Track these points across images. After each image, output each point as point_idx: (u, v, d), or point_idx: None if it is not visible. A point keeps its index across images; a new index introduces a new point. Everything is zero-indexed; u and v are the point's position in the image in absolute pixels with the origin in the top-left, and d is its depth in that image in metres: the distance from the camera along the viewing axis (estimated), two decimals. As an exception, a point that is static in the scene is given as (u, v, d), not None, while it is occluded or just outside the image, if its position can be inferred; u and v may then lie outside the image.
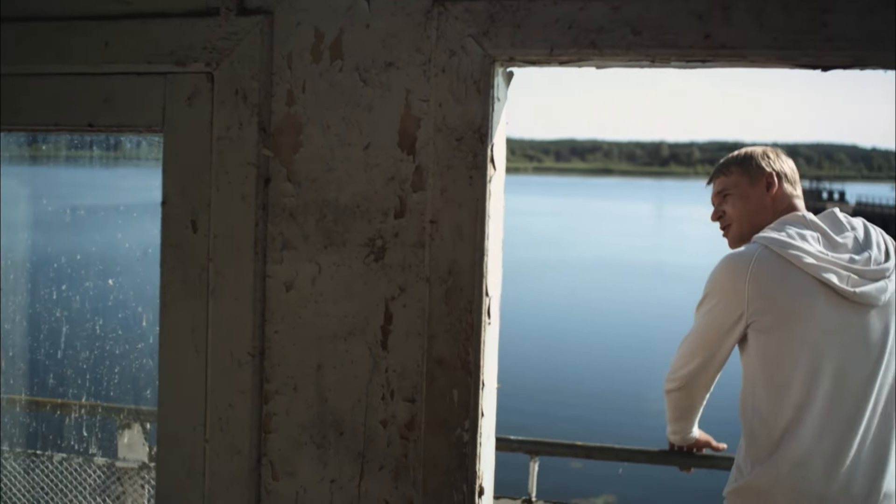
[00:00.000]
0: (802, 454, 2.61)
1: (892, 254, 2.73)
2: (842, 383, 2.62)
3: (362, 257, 1.84)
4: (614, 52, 1.72)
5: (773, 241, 2.68)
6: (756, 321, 2.66)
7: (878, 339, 2.64)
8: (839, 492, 2.61)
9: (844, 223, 2.79)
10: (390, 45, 1.81)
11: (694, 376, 2.92)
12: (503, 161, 1.86)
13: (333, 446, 1.88)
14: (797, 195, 2.96)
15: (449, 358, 1.80)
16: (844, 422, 2.62)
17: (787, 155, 3.06)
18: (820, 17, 1.66)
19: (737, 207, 2.98)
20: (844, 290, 2.60)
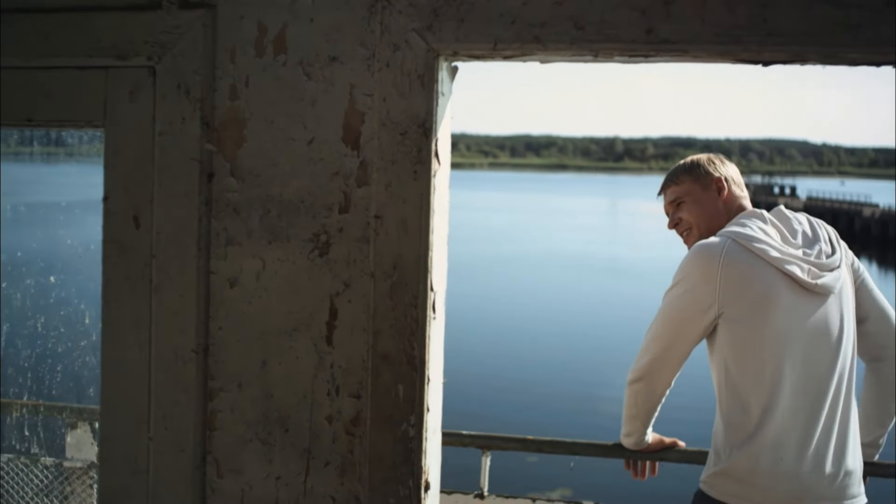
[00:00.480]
0: (777, 437, 2.72)
1: (835, 245, 2.85)
2: (808, 368, 2.75)
3: (307, 253, 1.83)
4: (557, 47, 1.72)
5: (740, 235, 2.78)
6: (727, 312, 2.76)
7: (836, 324, 2.79)
8: (811, 472, 2.72)
9: (793, 219, 2.90)
10: (334, 40, 1.81)
11: (657, 363, 2.96)
12: (448, 155, 1.86)
13: (279, 443, 1.87)
14: (744, 196, 3.08)
15: (394, 353, 1.80)
16: (812, 404, 2.75)
17: (728, 159, 3.17)
18: (760, 13, 1.68)
19: (693, 213, 3.08)
20: (806, 282, 2.72)
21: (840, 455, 2.77)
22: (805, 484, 2.73)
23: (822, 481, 2.74)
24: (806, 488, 2.74)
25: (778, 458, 2.72)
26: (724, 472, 2.82)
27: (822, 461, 2.74)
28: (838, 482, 2.76)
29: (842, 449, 2.78)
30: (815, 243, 2.84)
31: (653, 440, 3.35)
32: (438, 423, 1.91)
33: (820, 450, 2.74)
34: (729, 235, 2.81)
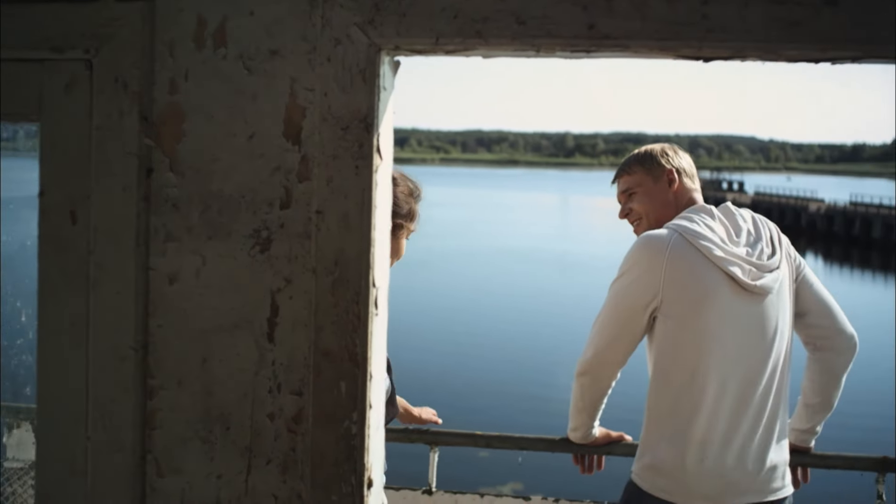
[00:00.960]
0: (704, 434, 2.75)
1: (776, 244, 2.89)
2: (739, 367, 2.78)
3: (247, 249, 1.81)
4: (499, 42, 1.72)
5: (687, 230, 2.81)
6: (666, 307, 2.78)
7: (771, 324, 2.82)
8: (735, 468, 2.77)
9: (738, 216, 2.93)
10: (275, 33, 1.79)
11: (602, 356, 2.98)
12: (390, 151, 1.85)
13: (220, 441, 1.85)
14: (696, 189, 3.10)
15: (336, 350, 1.78)
16: (740, 402, 2.79)
17: (683, 150, 3.17)
18: (700, 9, 1.68)
19: (643, 204, 3.11)
20: (746, 283, 2.75)
21: (764, 451, 2.82)
22: (729, 479, 2.78)
23: (746, 476, 2.79)
24: (730, 483, 2.78)
25: (704, 454, 2.77)
26: (652, 465, 2.85)
27: (745, 457, 2.79)
28: (761, 476, 2.82)
29: (766, 445, 2.83)
30: (758, 242, 2.88)
31: (600, 434, 3.37)
32: (381, 419, 1.90)
33: (745, 446, 2.79)
34: (676, 229, 2.83)
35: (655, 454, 2.84)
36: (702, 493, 2.77)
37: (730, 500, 2.77)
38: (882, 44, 1.70)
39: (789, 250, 2.94)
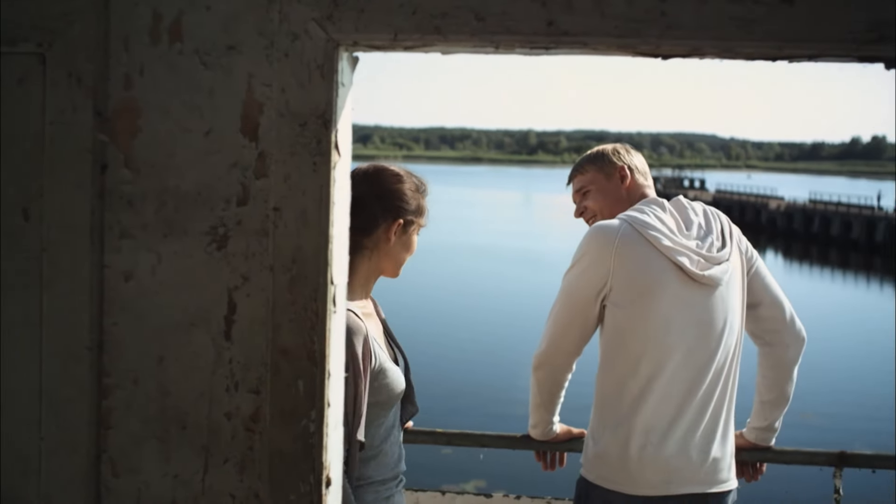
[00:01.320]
0: (647, 423, 2.78)
1: (727, 237, 2.92)
2: (686, 357, 2.81)
3: (204, 246, 1.79)
4: (458, 38, 1.71)
5: (637, 220, 2.84)
6: (614, 295, 2.81)
7: (720, 316, 2.85)
8: (676, 456, 2.79)
9: (690, 209, 2.96)
10: (232, 28, 1.77)
11: (556, 348, 2.99)
12: (349, 147, 1.83)
13: (176, 440, 1.83)
14: (648, 185, 3.12)
15: (294, 348, 1.77)
16: (685, 392, 2.81)
17: (636, 150, 3.21)
18: (659, 7, 1.69)
19: (597, 202, 3.14)
20: (694, 273, 2.78)
21: (708, 442, 2.85)
22: (671, 468, 2.81)
23: (689, 466, 2.82)
24: (672, 472, 2.81)
25: (646, 443, 2.79)
26: (598, 455, 2.88)
27: (688, 447, 2.82)
28: (705, 467, 2.85)
29: (710, 436, 2.86)
30: (709, 235, 2.91)
31: (560, 430, 3.38)
32: (340, 418, 1.89)
33: (688, 436, 2.82)
34: (626, 219, 2.86)
35: (599, 443, 2.86)
36: (644, 482, 2.79)
37: (673, 489, 2.80)
38: (838, 42, 1.71)
39: (741, 243, 2.97)
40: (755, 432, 3.30)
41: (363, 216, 2.51)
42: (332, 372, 1.80)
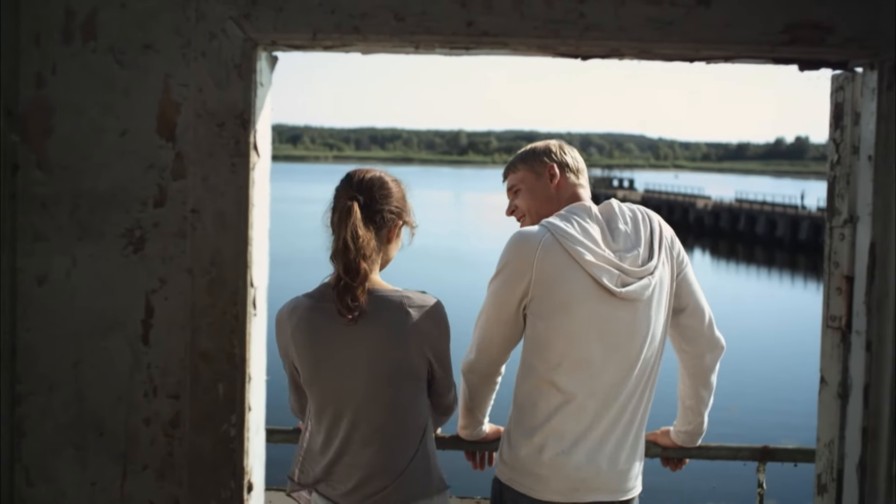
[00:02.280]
0: (561, 431, 2.80)
1: (655, 247, 2.90)
2: (603, 372, 2.82)
3: (120, 249, 1.75)
4: (378, 38, 1.70)
5: (559, 230, 2.81)
6: (534, 305, 2.80)
7: (640, 331, 2.86)
8: (587, 464, 2.80)
9: (619, 217, 2.93)
10: (147, 26, 1.73)
11: (485, 354, 2.99)
12: (268, 148, 1.81)
13: (93, 447, 1.79)
14: (580, 184, 3.10)
15: (213, 351, 1.74)
16: (600, 405, 2.83)
17: (571, 147, 3.18)
18: (577, 8, 1.70)
19: (526, 200, 3.13)
20: (613, 289, 2.77)
21: (617, 452, 2.88)
22: (580, 477, 2.83)
23: (599, 475, 2.85)
24: (581, 480, 2.83)
25: (558, 451, 2.81)
26: (512, 458, 2.89)
27: (597, 457, 2.84)
28: (614, 476, 2.87)
29: (620, 447, 2.88)
30: (635, 247, 2.88)
31: (490, 431, 3.38)
32: (261, 421, 1.87)
33: (599, 447, 2.85)
34: (548, 227, 2.84)
35: (514, 448, 2.88)
36: (553, 489, 2.81)
37: (580, 496, 2.82)
38: (753, 44, 1.74)
39: (672, 248, 2.95)
40: (681, 435, 3.33)
41: (375, 221, 2.71)
42: (252, 375, 1.77)
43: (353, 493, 2.69)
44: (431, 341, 2.71)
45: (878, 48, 1.72)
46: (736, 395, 16.67)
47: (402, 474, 2.69)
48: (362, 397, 2.66)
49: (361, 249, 2.60)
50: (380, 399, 2.66)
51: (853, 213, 1.91)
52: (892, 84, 1.75)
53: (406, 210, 2.83)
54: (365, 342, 2.63)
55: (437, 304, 2.77)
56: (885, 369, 1.78)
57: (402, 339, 2.64)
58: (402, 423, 2.71)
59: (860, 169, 1.87)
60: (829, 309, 1.97)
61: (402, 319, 2.65)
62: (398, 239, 2.83)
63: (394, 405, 2.68)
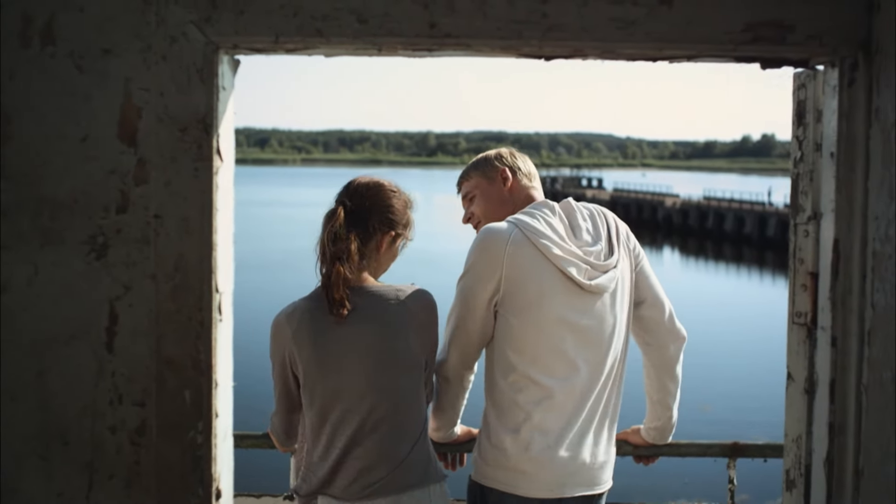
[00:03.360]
0: (544, 427, 2.80)
1: (615, 242, 2.94)
2: (579, 365, 2.82)
3: (83, 255, 1.73)
4: (340, 41, 1.70)
5: (528, 226, 2.83)
6: (505, 301, 2.81)
7: (608, 323, 2.90)
8: (571, 460, 2.81)
9: (578, 214, 2.96)
10: (107, 31, 1.72)
11: (458, 356, 2.99)
12: (231, 152, 1.80)
13: (59, 457, 1.77)
14: (534, 187, 3.13)
15: (179, 358, 1.73)
16: (578, 399, 2.85)
17: (522, 154, 3.22)
18: (540, 9, 1.69)
19: (481, 206, 3.15)
20: (581, 282, 2.79)
21: (597, 445, 2.90)
22: (567, 471, 2.84)
23: (582, 468, 2.87)
24: (567, 475, 2.85)
25: (544, 446, 2.82)
26: (495, 458, 2.89)
27: (580, 450, 2.86)
28: (594, 469, 2.90)
29: (599, 439, 2.91)
30: (597, 242, 2.93)
31: (461, 432, 3.37)
32: (229, 428, 1.85)
33: (580, 440, 2.87)
34: (516, 223, 2.85)
35: (498, 447, 2.88)
36: (541, 485, 2.82)
37: (567, 491, 2.84)
38: (716, 43, 1.74)
39: (628, 242, 2.99)
40: (651, 432, 3.33)
41: (362, 227, 2.71)
42: (219, 381, 1.76)
43: (353, 484, 2.68)
44: (429, 330, 2.76)
45: (838, 46, 1.73)
46: (706, 392, 16.76)
47: (402, 463, 2.69)
48: (366, 390, 2.66)
49: (338, 252, 2.61)
50: (383, 391, 2.67)
51: (817, 210, 1.92)
52: (853, 81, 1.76)
53: (402, 222, 2.83)
54: (365, 337, 2.64)
55: (430, 296, 2.81)
56: (849, 365, 1.79)
57: (402, 330, 2.67)
58: (406, 413, 2.72)
59: (823, 166, 1.88)
60: (794, 305, 1.98)
61: (399, 311, 2.68)
62: (391, 250, 2.81)
63: (397, 396, 2.69)
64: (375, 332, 2.63)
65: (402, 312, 2.66)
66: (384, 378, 2.67)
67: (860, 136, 1.76)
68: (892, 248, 1.64)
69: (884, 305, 1.67)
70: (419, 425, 2.76)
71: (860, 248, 1.76)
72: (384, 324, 2.64)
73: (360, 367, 2.65)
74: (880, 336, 1.68)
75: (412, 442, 2.72)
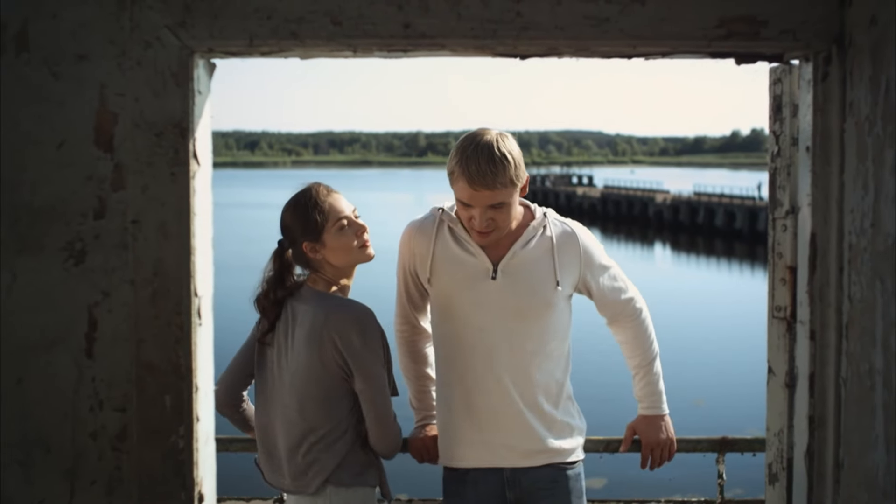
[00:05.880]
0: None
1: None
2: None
3: (61, 262, 1.73)
4: (315, 43, 1.70)
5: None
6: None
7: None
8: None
9: None
10: (81, 37, 1.71)
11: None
12: (209, 156, 1.80)
13: (40, 464, 1.77)
14: None
15: (159, 363, 1.73)
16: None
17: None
18: (514, 7, 1.70)
19: (506, 215, 2.98)
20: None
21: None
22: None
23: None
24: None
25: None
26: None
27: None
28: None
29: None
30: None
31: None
32: (211, 432, 1.85)
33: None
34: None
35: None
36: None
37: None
38: (690, 39, 1.75)
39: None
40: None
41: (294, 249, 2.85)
42: (200, 386, 1.76)
43: None
44: (346, 346, 2.75)
45: (811, 40, 1.74)
46: (700, 385, 16.79)
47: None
48: None
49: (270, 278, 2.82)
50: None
51: (794, 204, 1.93)
52: (827, 76, 1.77)
53: (297, 230, 2.85)
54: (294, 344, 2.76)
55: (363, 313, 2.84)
56: (828, 358, 1.80)
57: (315, 340, 2.72)
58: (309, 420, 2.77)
59: (800, 160, 1.88)
60: (774, 300, 1.99)
61: (319, 321, 2.73)
62: (318, 253, 2.83)
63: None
64: (299, 341, 2.77)
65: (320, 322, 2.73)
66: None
67: (835, 129, 1.77)
68: (868, 240, 1.64)
69: (860, 298, 1.68)
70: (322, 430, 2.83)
71: (837, 242, 1.77)
72: (304, 331, 2.76)
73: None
74: (858, 329, 1.69)
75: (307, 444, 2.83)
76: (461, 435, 2.99)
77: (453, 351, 3.03)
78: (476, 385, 2.98)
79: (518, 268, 3.01)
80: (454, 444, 3.02)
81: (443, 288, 3.02)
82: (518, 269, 3.01)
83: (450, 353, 3.03)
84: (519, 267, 3.01)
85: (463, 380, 3.00)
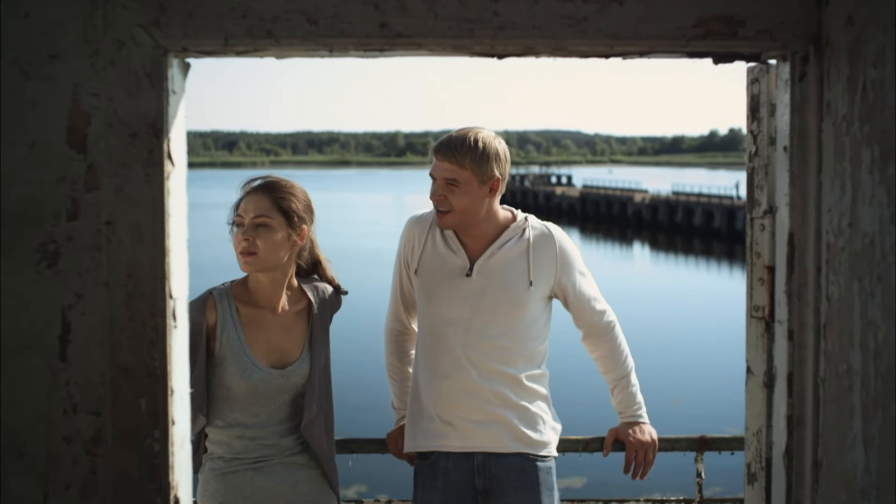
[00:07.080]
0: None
1: None
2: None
3: (33, 264, 1.71)
4: (291, 42, 1.68)
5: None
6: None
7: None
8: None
9: None
10: (53, 36, 1.69)
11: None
12: (183, 156, 1.78)
13: (13, 469, 1.74)
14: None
15: (134, 365, 1.71)
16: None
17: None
18: (491, 7, 1.69)
19: (461, 202, 3.02)
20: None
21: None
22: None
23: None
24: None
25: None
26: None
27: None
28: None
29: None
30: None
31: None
32: (187, 435, 1.83)
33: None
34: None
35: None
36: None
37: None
38: (667, 39, 1.74)
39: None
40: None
41: None
42: (175, 388, 1.74)
43: None
44: None
45: (789, 40, 1.74)
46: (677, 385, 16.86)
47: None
48: None
49: None
50: None
51: (772, 204, 1.93)
52: (804, 75, 1.77)
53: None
54: None
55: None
56: (806, 357, 1.80)
57: None
58: None
59: (777, 160, 1.89)
60: (752, 299, 1.99)
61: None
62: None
63: None
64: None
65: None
66: None
67: (812, 129, 1.77)
68: (846, 240, 1.64)
69: (838, 298, 1.68)
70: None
71: (814, 242, 1.77)
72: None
73: None
74: (835, 329, 1.69)
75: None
76: (427, 416, 3.09)
77: (428, 343, 3.10)
78: (445, 373, 3.06)
79: (493, 267, 3.05)
80: (418, 427, 3.12)
81: (425, 281, 3.09)
82: (493, 268, 3.05)
83: (425, 346, 3.11)
84: (494, 266, 3.05)
85: (433, 369, 3.07)
